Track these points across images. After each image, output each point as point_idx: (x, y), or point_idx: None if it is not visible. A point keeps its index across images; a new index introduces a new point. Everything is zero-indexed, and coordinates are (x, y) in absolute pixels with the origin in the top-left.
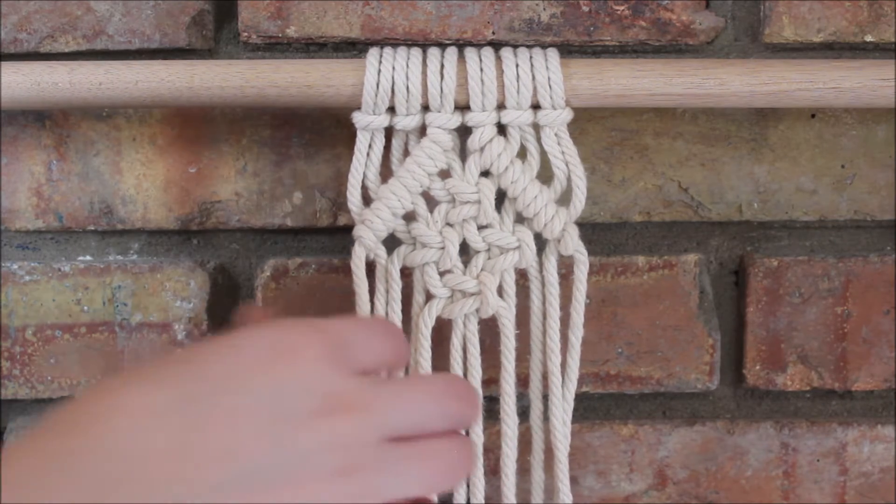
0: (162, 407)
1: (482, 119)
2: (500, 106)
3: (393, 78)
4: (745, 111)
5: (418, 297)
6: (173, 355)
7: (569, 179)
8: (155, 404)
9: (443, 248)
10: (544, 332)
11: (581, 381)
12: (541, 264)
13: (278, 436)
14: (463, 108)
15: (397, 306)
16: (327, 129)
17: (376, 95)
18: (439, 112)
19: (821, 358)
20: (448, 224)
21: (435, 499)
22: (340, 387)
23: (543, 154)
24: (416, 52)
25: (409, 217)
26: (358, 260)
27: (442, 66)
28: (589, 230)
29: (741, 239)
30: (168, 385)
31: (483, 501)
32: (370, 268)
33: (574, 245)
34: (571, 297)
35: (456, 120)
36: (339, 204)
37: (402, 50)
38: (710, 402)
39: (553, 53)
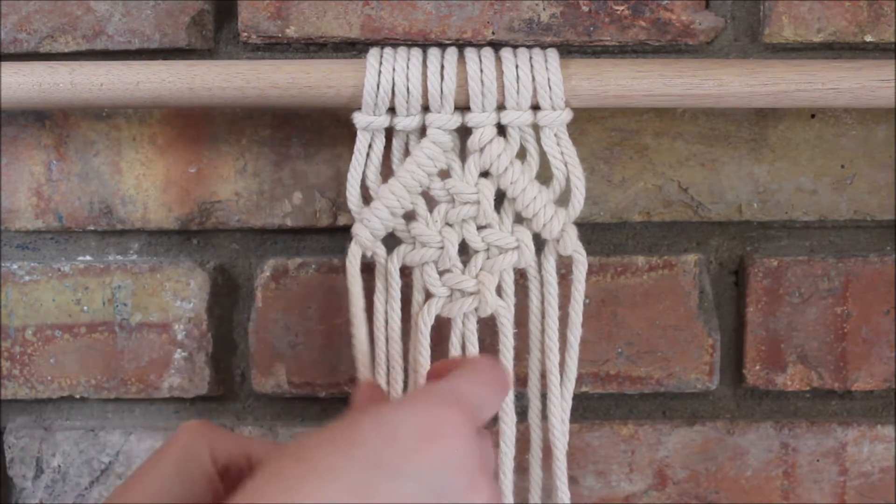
0: (337, 501)
1: (482, 120)
2: (500, 106)
3: (393, 79)
4: (745, 111)
5: (418, 296)
6: (331, 433)
7: (568, 180)
8: (330, 499)
9: (442, 248)
10: (543, 332)
11: (581, 380)
12: (540, 264)
13: None
14: (463, 108)
15: (397, 305)
16: (327, 129)
17: (377, 96)
18: (439, 113)
19: (821, 358)
20: (447, 224)
21: None
22: (479, 460)
23: (543, 154)
24: (416, 53)
25: (409, 216)
26: (353, 258)
27: (442, 66)
28: (589, 230)
29: (741, 239)
30: (338, 477)
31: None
32: (370, 267)
33: (573, 245)
34: (570, 297)
35: (456, 120)
36: (339, 204)
37: (402, 50)
38: (710, 402)
39: (553, 54)
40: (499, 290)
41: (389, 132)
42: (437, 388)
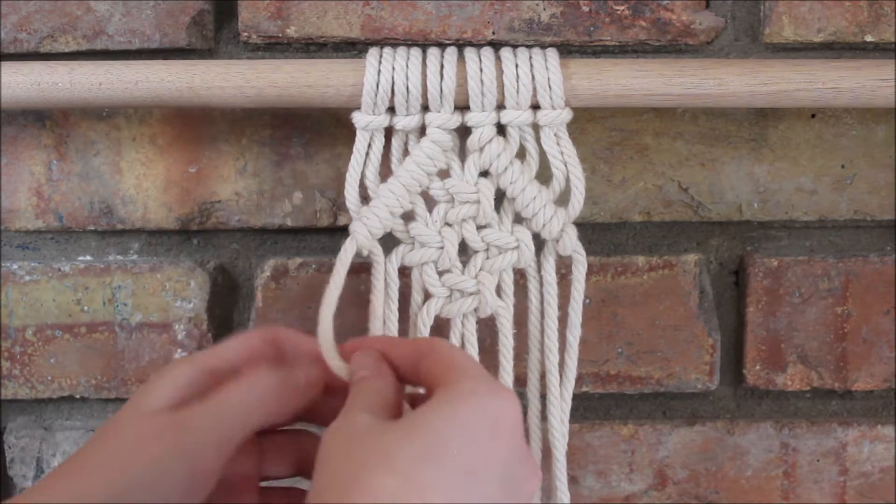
0: (429, 494)
1: (482, 119)
2: (500, 106)
3: (393, 78)
4: (745, 111)
5: (416, 297)
6: (409, 435)
7: (568, 180)
8: (423, 495)
9: (442, 248)
10: (542, 332)
11: (581, 381)
12: (539, 264)
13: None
14: (462, 108)
15: (395, 306)
16: (327, 128)
17: (376, 95)
18: (439, 112)
19: (821, 358)
20: (447, 224)
21: None
22: (527, 449)
23: (542, 154)
24: (415, 52)
25: (408, 217)
26: (345, 255)
27: (442, 66)
28: (589, 230)
29: (741, 239)
30: (434, 492)
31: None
32: (368, 267)
33: (572, 245)
34: (570, 297)
35: (455, 120)
36: (340, 204)
37: (401, 50)
38: (710, 402)
39: (553, 54)
40: (498, 291)
41: (389, 132)
42: (479, 371)
